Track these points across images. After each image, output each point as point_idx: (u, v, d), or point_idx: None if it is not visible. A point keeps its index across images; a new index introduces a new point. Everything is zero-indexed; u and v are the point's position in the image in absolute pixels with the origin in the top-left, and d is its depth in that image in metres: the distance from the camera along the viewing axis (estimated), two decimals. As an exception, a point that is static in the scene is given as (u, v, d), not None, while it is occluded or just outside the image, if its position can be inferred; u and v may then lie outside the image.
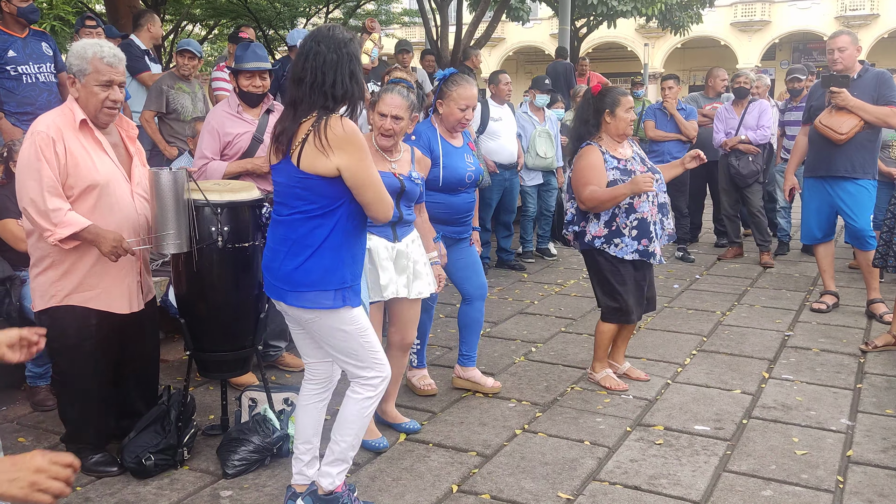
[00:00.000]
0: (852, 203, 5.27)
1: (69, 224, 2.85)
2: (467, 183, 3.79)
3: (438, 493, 3.03)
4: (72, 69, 2.96)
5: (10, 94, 4.85)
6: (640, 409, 3.84)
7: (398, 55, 8.04)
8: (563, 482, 3.10)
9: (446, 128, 3.78)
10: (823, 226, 5.50)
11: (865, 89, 5.11)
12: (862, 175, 5.23)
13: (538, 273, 6.94)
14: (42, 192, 2.83)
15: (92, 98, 2.95)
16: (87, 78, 2.93)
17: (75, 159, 2.92)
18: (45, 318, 3.05)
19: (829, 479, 3.11)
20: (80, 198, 2.94)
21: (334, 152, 2.47)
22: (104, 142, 3.05)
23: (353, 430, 2.75)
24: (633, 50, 34.64)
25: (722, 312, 5.56)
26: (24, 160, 2.90)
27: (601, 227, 3.90)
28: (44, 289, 3.03)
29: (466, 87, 3.70)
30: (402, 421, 3.61)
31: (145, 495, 3.02)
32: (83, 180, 2.93)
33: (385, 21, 19.11)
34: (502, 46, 36.44)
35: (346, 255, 2.62)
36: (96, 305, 3.06)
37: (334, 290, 2.58)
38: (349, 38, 2.59)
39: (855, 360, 4.52)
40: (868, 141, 5.19)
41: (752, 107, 6.99)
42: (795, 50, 34.36)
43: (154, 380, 3.47)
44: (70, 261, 2.99)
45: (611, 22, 17.91)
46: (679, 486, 3.06)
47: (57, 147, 2.87)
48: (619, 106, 3.88)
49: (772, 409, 3.83)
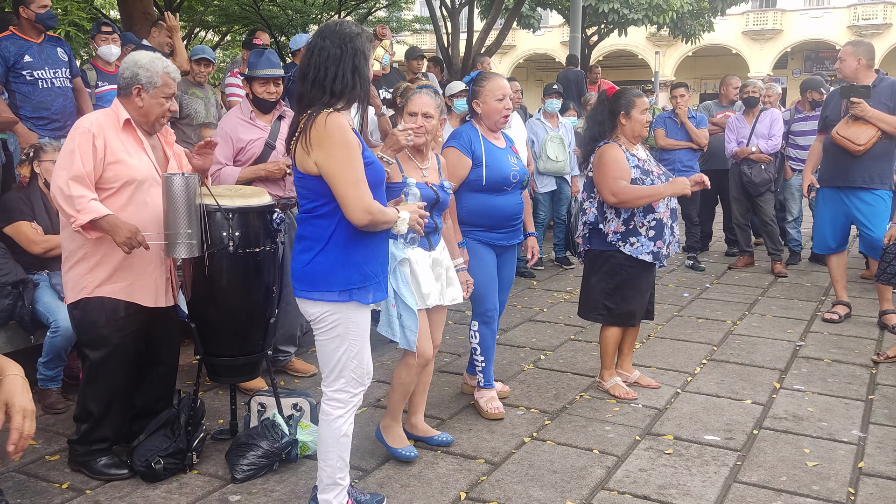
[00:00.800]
0: (869, 213, 5.25)
1: (90, 211, 2.96)
2: (512, 182, 3.71)
3: (446, 500, 3.02)
4: (139, 80, 3.12)
5: (26, 99, 4.89)
6: (650, 418, 3.82)
7: (410, 62, 8.06)
8: (572, 491, 3.09)
9: (488, 126, 3.73)
10: (837, 235, 5.47)
11: (880, 98, 5.09)
12: (879, 185, 5.21)
13: (547, 280, 6.93)
14: (68, 179, 2.96)
15: (157, 108, 3.16)
16: (156, 90, 3.14)
17: (115, 155, 3.06)
18: (77, 310, 3.17)
19: (841, 490, 3.09)
20: (116, 193, 3.08)
21: (313, 149, 2.49)
22: (145, 142, 3.20)
23: (334, 453, 2.73)
24: (643, 58, 34.62)
25: (732, 322, 5.53)
26: (62, 153, 3.07)
27: (619, 223, 3.86)
28: (75, 281, 3.13)
29: (496, 78, 3.72)
30: (432, 434, 3.52)
31: (154, 499, 3.03)
32: (121, 176, 3.08)
33: (396, 28, 19.16)
34: (513, 54, 36.50)
35: (354, 253, 2.59)
36: (125, 297, 3.14)
37: (339, 291, 2.59)
38: (356, 33, 2.55)
39: (867, 370, 4.49)
40: (885, 151, 5.18)
41: (763, 115, 6.97)
42: (807, 59, 34.27)
43: (172, 382, 3.50)
44: (101, 252, 3.09)
45: (622, 30, 17.94)
46: (689, 497, 3.04)
47: (96, 142, 3.01)
48: (635, 108, 3.87)
49: (783, 419, 3.80)
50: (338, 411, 2.72)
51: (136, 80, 3.12)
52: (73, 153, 2.99)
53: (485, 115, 3.71)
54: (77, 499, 3.03)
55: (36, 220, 4.02)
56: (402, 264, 3.15)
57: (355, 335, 2.66)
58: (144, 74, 3.12)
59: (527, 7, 17.22)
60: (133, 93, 3.13)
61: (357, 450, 3.45)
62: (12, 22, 5.02)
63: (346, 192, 2.49)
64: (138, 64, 3.14)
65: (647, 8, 17.47)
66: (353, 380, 2.71)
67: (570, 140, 7.19)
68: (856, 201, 5.28)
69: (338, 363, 2.68)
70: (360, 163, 2.52)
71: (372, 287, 2.66)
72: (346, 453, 2.76)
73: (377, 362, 4.60)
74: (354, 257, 2.60)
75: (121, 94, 3.18)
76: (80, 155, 2.98)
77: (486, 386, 3.91)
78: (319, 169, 2.50)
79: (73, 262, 3.14)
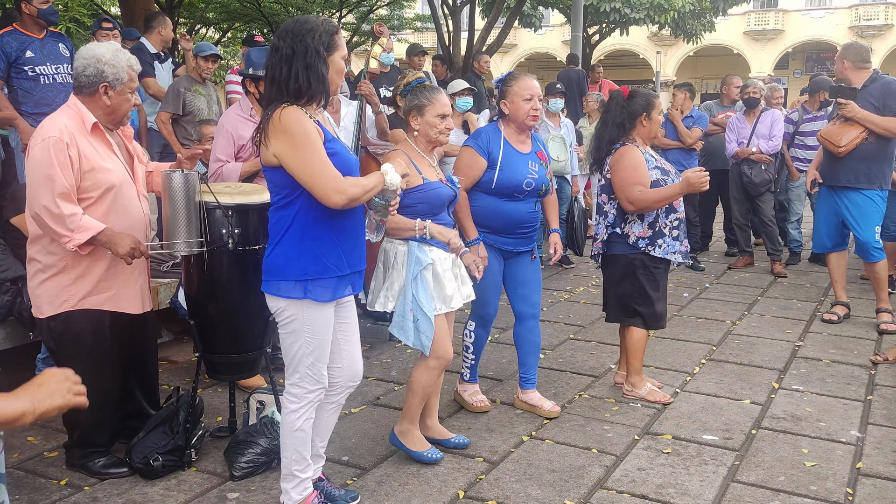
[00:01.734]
0: (857, 213, 5.27)
1: (86, 229, 2.87)
2: (525, 190, 3.61)
3: (445, 498, 3.02)
4: (105, 77, 2.95)
5: (28, 95, 4.88)
6: (649, 417, 3.82)
7: (412, 58, 8.06)
8: (570, 490, 3.09)
9: (517, 127, 3.66)
10: (833, 234, 5.49)
11: (867, 98, 5.10)
12: (866, 185, 5.21)
13: (547, 280, 6.93)
14: (54, 198, 2.83)
15: (125, 104, 3.03)
16: (123, 85, 3.00)
17: (90, 163, 2.93)
18: (57, 323, 3.04)
19: (839, 490, 3.09)
20: (97, 201, 2.96)
21: (271, 142, 2.51)
22: (113, 143, 3.09)
23: (289, 445, 2.75)
24: (645, 58, 34.60)
25: (732, 322, 5.54)
26: (35, 165, 2.86)
27: (645, 227, 3.82)
28: (54, 294, 3.01)
29: (525, 79, 3.66)
30: (449, 436, 3.47)
31: (153, 496, 3.03)
32: (100, 184, 2.95)
33: (397, 26, 19.16)
34: (514, 53, 36.48)
35: (311, 245, 2.58)
36: (110, 307, 3.08)
37: (294, 281, 2.59)
38: (308, 30, 2.51)
39: (866, 371, 4.49)
40: (874, 152, 5.16)
41: (764, 116, 6.97)
42: (808, 59, 34.25)
43: (155, 379, 3.49)
44: (84, 265, 3.00)
45: (623, 29, 17.92)
46: (687, 496, 3.04)
47: (71, 151, 2.86)
48: (654, 109, 3.86)
49: (781, 419, 3.80)
50: (292, 405, 2.73)
51: (103, 78, 2.94)
52: (52, 167, 2.81)
53: (512, 116, 3.64)
54: (75, 495, 3.03)
55: None
56: (426, 270, 3.12)
57: (311, 333, 2.65)
58: (110, 71, 2.95)
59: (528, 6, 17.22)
60: (100, 91, 2.95)
61: (356, 448, 3.46)
62: (14, 18, 5.02)
63: (311, 178, 2.49)
64: (101, 60, 2.94)
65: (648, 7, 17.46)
66: (309, 376, 2.70)
67: (572, 139, 7.19)
68: (845, 200, 5.31)
69: (294, 358, 2.70)
70: (320, 149, 2.50)
71: (332, 282, 2.63)
72: (303, 447, 2.75)
73: (376, 361, 4.61)
74: (311, 249, 2.58)
75: (83, 92, 2.97)
76: (59, 169, 2.82)
77: (470, 380, 3.93)
78: (280, 160, 2.52)
79: (49, 274, 3.00)
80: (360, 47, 18.24)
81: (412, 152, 3.22)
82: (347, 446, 3.47)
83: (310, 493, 2.80)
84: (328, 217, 2.59)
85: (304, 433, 2.75)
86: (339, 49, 2.60)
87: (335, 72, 2.60)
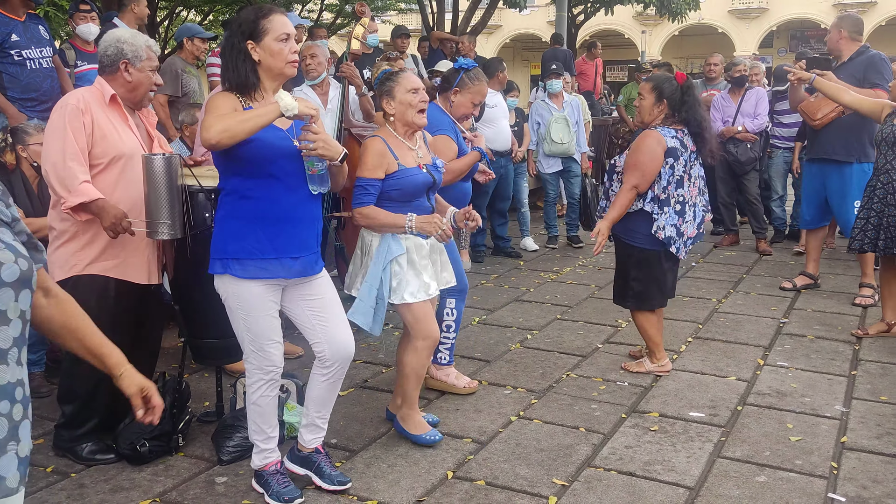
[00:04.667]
0: (836, 188, 5.36)
1: (80, 194, 2.93)
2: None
3: (433, 479, 3.03)
4: (124, 54, 3.09)
5: (14, 80, 4.73)
6: (636, 395, 3.84)
7: (395, 40, 7.99)
8: (559, 468, 3.10)
9: (454, 116, 3.74)
10: (818, 211, 5.55)
11: (852, 72, 5.12)
12: (845, 157, 5.25)
13: (534, 261, 6.93)
14: (64, 157, 2.94)
15: (146, 80, 3.16)
16: (142, 63, 3.13)
17: (102, 131, 3.04)
18: (67, 288, 3.05)
19: (824, 465, 3.12)
20: (106, 168, 3.05)
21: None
22: (130, 119, 3.18)
23: (249, 416, 2.86)
24: (630, 37, 34.49)
25: (717, 300, 5.56)
26: (50, 128, 3.02)
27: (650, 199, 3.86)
28: (64, 259, 3.10)
29: (484, 85, 3.78)
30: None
31: (140, 481, 3.02)
32: (110, 151, 3.05)
33: (382, 7, 18.99)
34: (499, 34, 36.25)
35: (236, 225, 2.65)
36: (116, 274, 3.12)
37: (218, 259, 2.68)
38: (246, 19, 2.60)
39: (850, 347, 4.53)
40: (855, 124, 5.18)
41: (748, 94, 6.97)
42: (793, 38, 34.24)
43: (153, 363, 3.48)
44: (92, 231, 3.06)
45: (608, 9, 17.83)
46: (674, 472, 3.06)
47: (84, 118, 2.98)
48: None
49: (766, 395, 3.83)
50: (248, 380, 2.82)
51: (122, 56, 3.09)
52: (65, 129, 2.95)
53: (455, 107, 3.75)
54: (62, 482, 3.02)
55: (17, 205, 3.96)
56: (397, 261, 3.11)
57: (243, 311, 2.70)
58: (129, 49, 3.10)
59: (512, -14, 17.07)
60: (121, 68, 3.09)
61: (344, 430, 3.46)
62: None
63: (203, 124, 2.52)
64: (121, 40, 3.11)
65: (633, -14, 17.36)
66: (254, 353, 2.75)
67: (577, 118, 7.16)
68: (827, 174, 5.38)
69: (238, 336, 2.77)
70: (218, 111, 2.54)
71: (253, 263, 2.65)
72: (260, 420, 2.83)
73: (363, 343, 4.60)
74: (234, 229, 2.66)
75: (106, 72, 3.13)
76: (71, 132, 2.95)
77: (449, 363, 3.92)
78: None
79: (62, 240, 3.11)
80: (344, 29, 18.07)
81: (390, 137, 3.20)
82: (336, 429, 3.46)
83: (271, 460, 2.89)
84: (251, 201, 2.63)
85: (260, 408, 2.82)
86: (270, 32, 2.57)
87: (270, 55, 2.59)
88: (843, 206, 5.34)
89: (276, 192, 2.64)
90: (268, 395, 2.81)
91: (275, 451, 2.90)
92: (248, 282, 2.66)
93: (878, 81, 5.04)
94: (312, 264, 2.78)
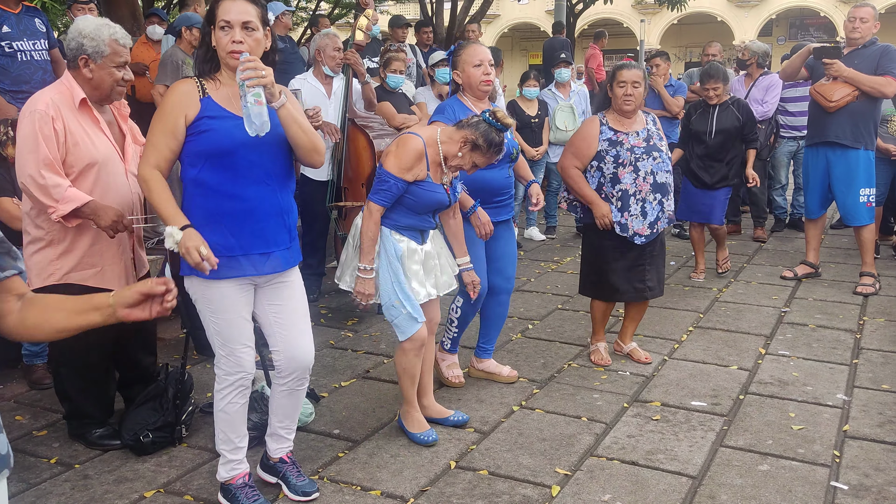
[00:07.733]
0: (842, 174, 5.34)
1: (71, 199, 2.86)
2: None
3: (436, 469, 3.04)
4: (84, 50, 2.94)
5: (5, 72, 4.73)
6: (638, 385, 3.85)
7: (394, 30, 7.95)
8: (561, 458, 3.11)
9: (473, 95, 3.62)
10: (817, 198, 5.56)
11: (867, 60, 5.14)
12: (853, 144, 5.25)
13: (535, 251, 6.93)
14: (39, 168, 2.83)
15: (108, 78, 2.99)
16: (104, 59, 2.96)
17: (74, 138, 2.92)
18: None
19: (826, 453, 3.13)
20: (80, 176, 2.94)
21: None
22: (101, 121, 3.06)
23: (216, 424, 2.74)
24: (629, 26, 34.36)
25: (718, 289, 5.57)
26: (22, 137, 2.89)
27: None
28: (41, 267, 3.02)
29: (472, 45, 3.62)
30: (447, 414, 3.42)
31: (143, 472, 3.02)
32: (83, 159, 2.93)
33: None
34: (497, 23, 36.11)
35: (196, 221, 2.46)
36: (94, 283, 3.04)
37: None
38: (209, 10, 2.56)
39: (851, 335, 4.54)
40: (864, 111, 5.21)
41: (761, 80, 6.96)
42: (792, 26, 34.13)
43: (152, 346, 3.49)
44: (69, 239, 2.98)
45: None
46: (676, 462, 3.07)
47: (56, 125, 2.87)
48: (615, 80, 3.89)
49: (768, 384, 3.84)
50: (216, 386, 2.70)
51: (82, 51, 2.93)
52: (37, 138, 2.82)
53: (465, 86, 3.61)
54: (65, 473, 3.02)
55: (17, 197, 3.96)
56: (400, 260, 3.09)
57: (212, 312, 2.60)
58: (90, 44, 2.93)
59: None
60: (80, 64, 2.94)
61: (346, 421, 3.46)
62: None
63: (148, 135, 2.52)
64: (82, 33, 2.94)
65: (632, -25, 17.29)
66: (223, 357, 2.64)
67: (584, 107, 7.13)
68: (832, 158, 5.36)
69: (209, 338, 2.68)
70: (159, 125, 2.49)
71: (219, 260, 2.45)
72: (227, 428, 2.71)
73: (365, 334, 4.60)
74: (195, 226, 2.45)
75: (70, 66, 2.99)
76: (43, 141, 2.83)
77: (451, 350, 3.92)
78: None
79: (38, 246, 3.01)
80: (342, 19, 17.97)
81: (430, 145, 3.09)
82: (338, 419, 3.47)
83: (239, 472, 2.76)
84: (212, 195, 2.52)
85: (228, 415, 2.70)
86: (217, 18, 2.48)
87: (216, 42, 2.50)
88: (848, 193, 5.33)
89: (237, 185, 2.51)
90: (236, 402, 2.69)
91: (243, 463, 2.77)
92: (216, 282, 2.54)
93: (893, 69, 5.10)
94: (284, 260, 2.66)
